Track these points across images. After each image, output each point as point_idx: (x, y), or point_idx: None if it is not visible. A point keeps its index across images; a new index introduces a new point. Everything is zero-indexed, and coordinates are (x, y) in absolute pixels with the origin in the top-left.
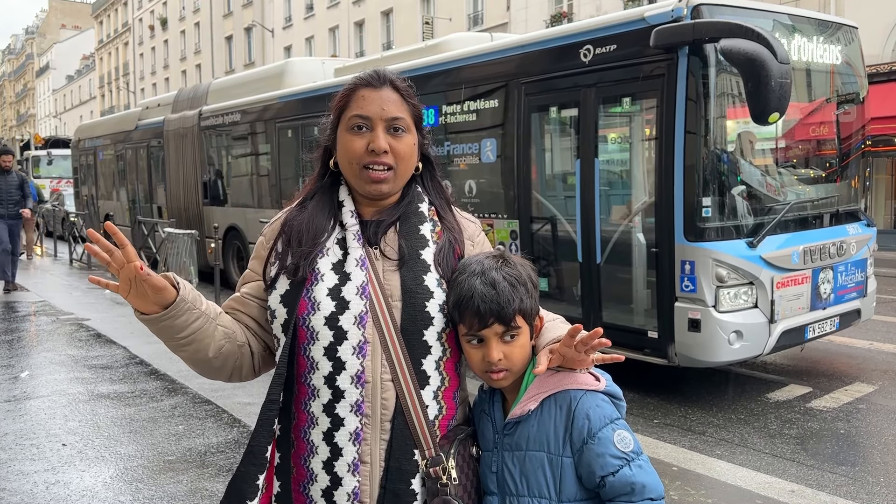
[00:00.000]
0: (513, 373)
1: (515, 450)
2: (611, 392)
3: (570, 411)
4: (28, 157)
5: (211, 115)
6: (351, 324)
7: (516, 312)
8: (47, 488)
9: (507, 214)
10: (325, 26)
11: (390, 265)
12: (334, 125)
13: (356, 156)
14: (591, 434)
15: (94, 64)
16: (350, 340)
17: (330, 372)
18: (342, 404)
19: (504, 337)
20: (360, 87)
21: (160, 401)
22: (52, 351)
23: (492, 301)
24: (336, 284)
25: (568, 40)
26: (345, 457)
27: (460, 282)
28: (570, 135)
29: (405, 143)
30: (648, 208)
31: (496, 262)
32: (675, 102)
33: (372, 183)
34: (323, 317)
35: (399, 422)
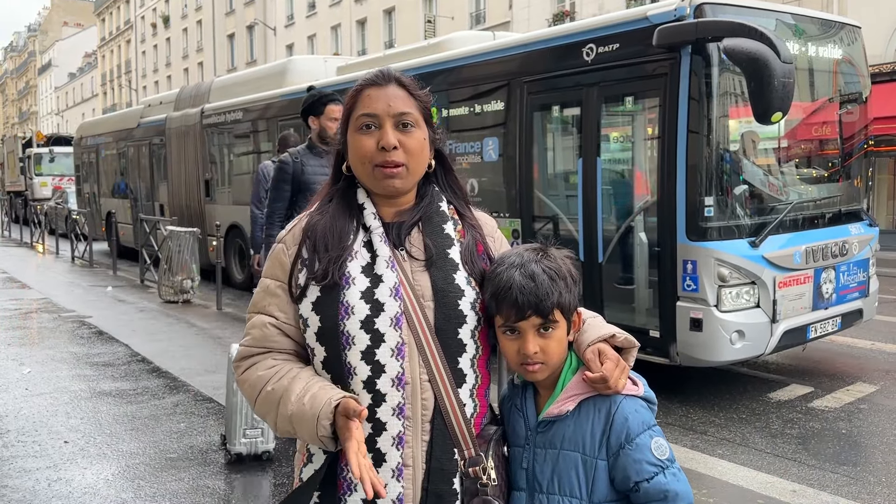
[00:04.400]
0: (548, 367)
1: (549, 448)
2: (647, 397)
3: (610, 415)
4: (30, 154)
5: (213, 113)
6: (387, 326)
7: (554, 306)
8: (49, 485)
9: (510, 213)
10: (328, 25)
11: (418, 265)
12: (343, 129)
13: (367, 155)
14: (629, 439)
15: (96, 61)
16: (388, 342)
17: (369, 376)
18: (383, 408)
19: (541, 330)
20: (366, 87)
21: (162, 398)
22: (53, 348)
23: (530, 293)
24: (368, 287)
25: (570, 39)
26: (388, 462)
27: (499, 273)
28: (572, 134)
29: (415, 137)
30: (650, 207)
31: (536, 254)
32: (678, 102)
33: (385, 178)
34: (358, 320)
35: (438, 422)
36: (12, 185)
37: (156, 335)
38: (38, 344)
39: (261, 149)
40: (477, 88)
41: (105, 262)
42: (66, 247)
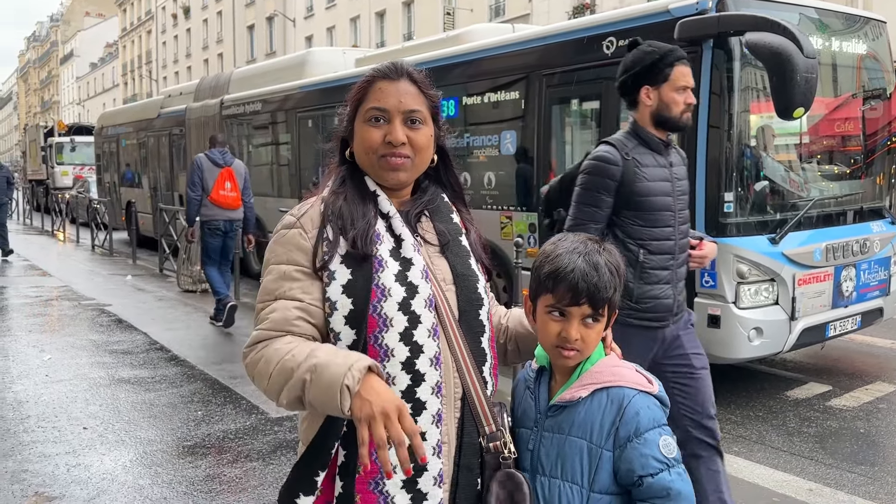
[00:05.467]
0: (582, 355)
1: (556, 432)
2: (661, 398)
3: (622, 407)
4: (52, 143)
5: (232, 104)
6: (422, 307)
7: (607, 300)
8: (68, 470)
9: (527, 207)
10: (347, 16)
11: (434, 251)
12: (351, 116)
13: (373, 147)
14: (639, 433)
15: (118, 52)
16: (424, 324)
17: (408, 357)
18: (423, 388)
19: (587, 319)
20: (378, 79)
21: (180, 386)
22: (73, 335)
23: (591, 282)
24: (400, 270)
25: (591, 32)
26: (429, 440)
27: (559, 255)
28: (591, 127)
29: (422, 134)
30: None
31: (598, 246)
32: (699, 96)
33: (390, 170)
34: (396, 302)
35: (466, 400)
36: (34, 174)
37: (174, 324)
38: (58, 331)
39: (279, 140)
40: (495, 81)
41: (125, 251)
42: (86, 235)
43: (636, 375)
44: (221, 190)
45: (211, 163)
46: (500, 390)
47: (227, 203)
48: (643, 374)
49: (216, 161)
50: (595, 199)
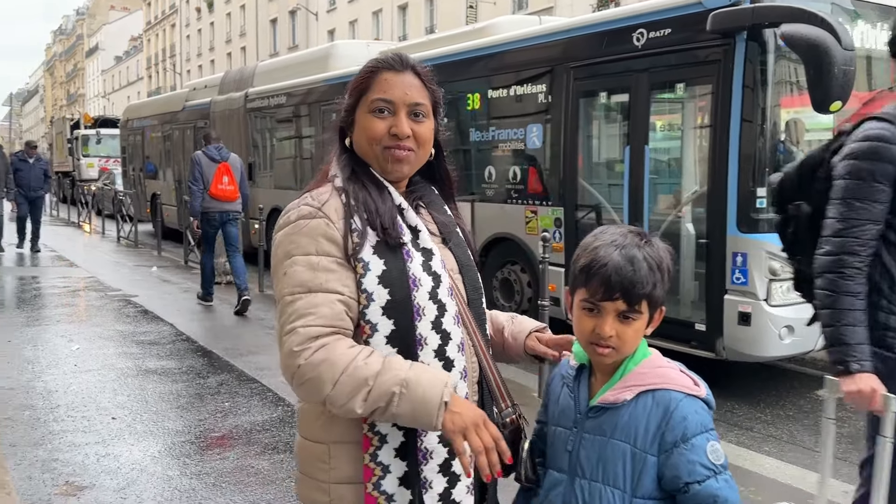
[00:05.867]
0: (619, 353)
1: (597, 434)
2: (708, 401)
3: (668, 411)
4: (78, 135)
5: (257, 97)
6: (447, 296)
7: (645, 296)
8: (98, 460)
9: (552, 201)
10: (369, 10)
11: (437, 241)
12: (352, 106)
13: (377, 138)
14: (686, 439)
15: (142, 45)
16: (449, 311)
17: (440, 345)
18: (453, 373)
19: (623, 316)
20: (383, 70)
21: (206, 377)
22: (101, 326)
23: (625, 277)
24: (424, 260)
25: (621, 24)
26: None
27: (596, 248)
28: (619, 121)
29: (426, 128)
30: (699, 198)
31: (639, 239)
32: (732, 89)
33: (395, 162)
34: (426, 291)
35: (485, 385)
36: (60, 166)
37: (199, 315)
38: (85, 321)
39: (303, 133)
40: (522, 74)
41: (150, 242)
42: (111, 227)
43: (682, 377)
44: (220, 184)
45: (208, 159)
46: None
47: (226, 196)
48: (689, 376)
49: (213, 157)
50: (871, 192)
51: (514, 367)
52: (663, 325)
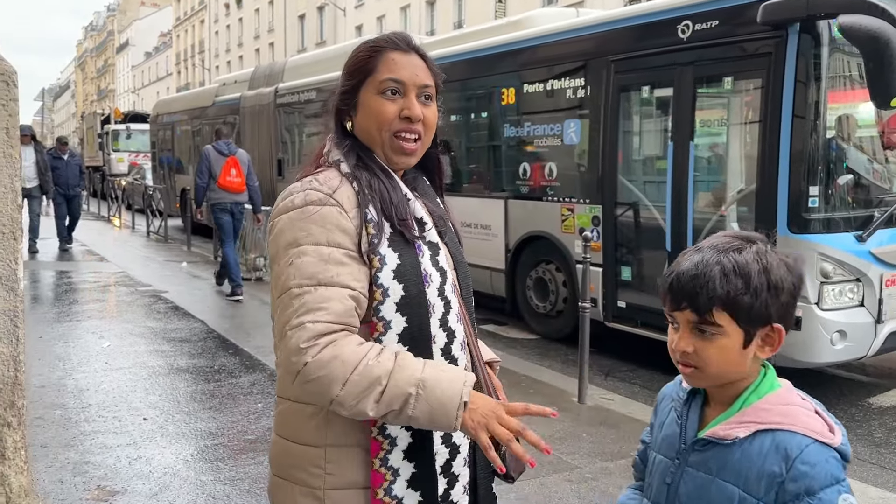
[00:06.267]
0: (705, 375)
1: (701, 470)
2: (843, 451)
3: (790, 457)
4: (108, 130)
5: (287, 92)
6: (451, 292)
7: (714, 304)
8: (130, 464)
9: (590, 199)
10: (397, 5)
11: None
12: (355, 88)
13: (388, 121)
14: (812, 491)
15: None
16: (454, 308)
17: (446, 342)
18: None
19: (698, 329)
20: (389, 50)
21: (238, 377)
22: (131, 322)
23: (687, 282)
24: (431, 254)
25: (665, 15)
26: None
27: (685, 253)
28: (662, 116)
29: (433, 111)
30: (748, 196)
31: (736, 243)
32: (783, 83)
33: (403, 155)
34: (435, 288)
35: (478, 381)
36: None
37: (230, 312)
38: (116, 317)
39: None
40: (559, 68)
41: (179, 237)
42: (141, 222)
43: (814, 420)
44: (228, 176)
45: (217, 153)
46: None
47: (233, 187)
48: (824, 419)
49: (222, 151)
50: None
51: (550, 370)
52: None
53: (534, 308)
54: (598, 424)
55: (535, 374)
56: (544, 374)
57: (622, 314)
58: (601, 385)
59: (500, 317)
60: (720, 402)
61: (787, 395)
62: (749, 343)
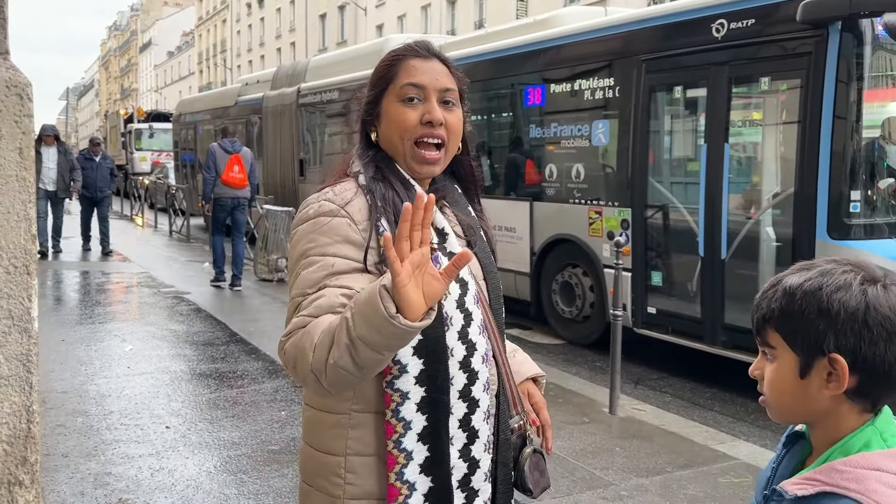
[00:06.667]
0: (770, 406)
1: None
2: None
3: None
4: (131, 129)
5: (309, 92)
6: (473, 304)
7: (766, 322)
8: (152, 475)
9: (619, 202)
10: (418, 4)
11: (462, 244)
12: (377, 97)
13: (409, 128)
14: None
15: (194, 41)
16: (475, 320)
17: (465, 356)
18: (477, 386)
19: (763, 351)
20: (408, 57)
21: (261, 383)
22: (154, 325)
23: (756, 302)
24: None
25: (699, 14)
26: (481, 438)
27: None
28: (694, 116)
29: (456, 116)
30: (785, 200)
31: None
32: (823, 84)
33: (425, 164)
34: (454, 300)
35: (502, 395)
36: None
37: (252, 314)
38: (138, 319)
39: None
40: (587, 67)
41: (201, 237)
42: (164, 221)
43: (890, 494)
44: (231, 172)
45: (223, 150)
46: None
47: (236, 183)
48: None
49: (227, 149)
50: None
51: (578, 378)
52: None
53: (560, 313)
54: (630, 437)
55: (562, 382)
56: (572, 383)
57: (652, 320)
58: (631, 394)
59: (524, 321)
60: (816, 452)
61: (880, 459)
62: (807, 373)
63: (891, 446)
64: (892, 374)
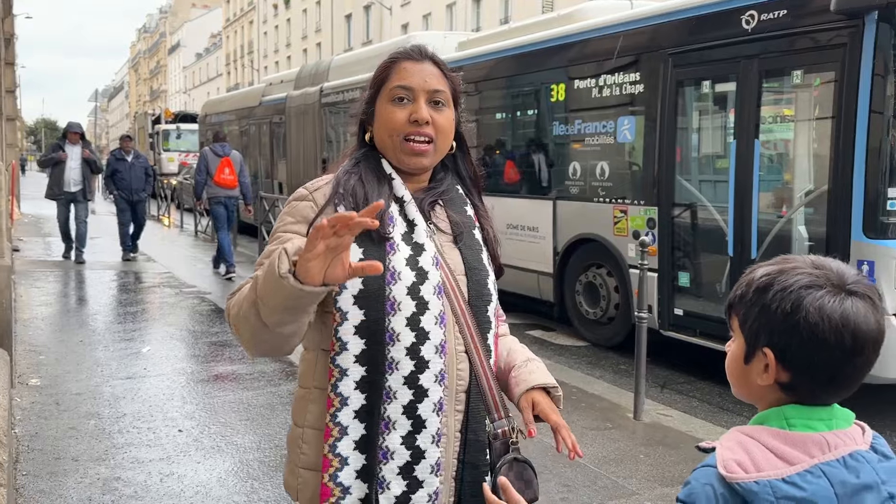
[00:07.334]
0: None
1: None
2: (745, 489)
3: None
4: (159, 130)
5: (332, 91)
6: (431, 294)
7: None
8: (161, 480)
9: (645, 200)
10: (443, 2)
11: (446, 240)
12: (372, 98)
13: (398, 126)
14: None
15: (221, 42)
16: (432, 310)
17: (413, 343)
18: (426, 375)
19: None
20: (402, 60)
21: (277, 385)
22: (173, 325)
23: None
24: (412, 254)
25: (728, 6)
26: (428, 428)
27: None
28: (723, 112)
29: (445, 116)
30: (819, 198)
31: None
32: (859, 77)
33: (413, 155)
34: (405, 286)
35: (474, 393)
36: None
37: None
38: (158, 320)
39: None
40: (612, 62)
41: None
42: (190, 221)
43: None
44: (221, 174)
45: (214, 154)
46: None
47: (226, 184)
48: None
49: (217, 152)
50: None
51: (602, 381)
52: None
53: (583, 314)
54: (656, 444)
55: (586, 385)
56: (596, 386)
57: (679, 322)
58: (657, 399)
59: (547, 322)
60: None
61: (761, 431)
62: (749, 360)
63: (795, 430)
64: (819, 376)
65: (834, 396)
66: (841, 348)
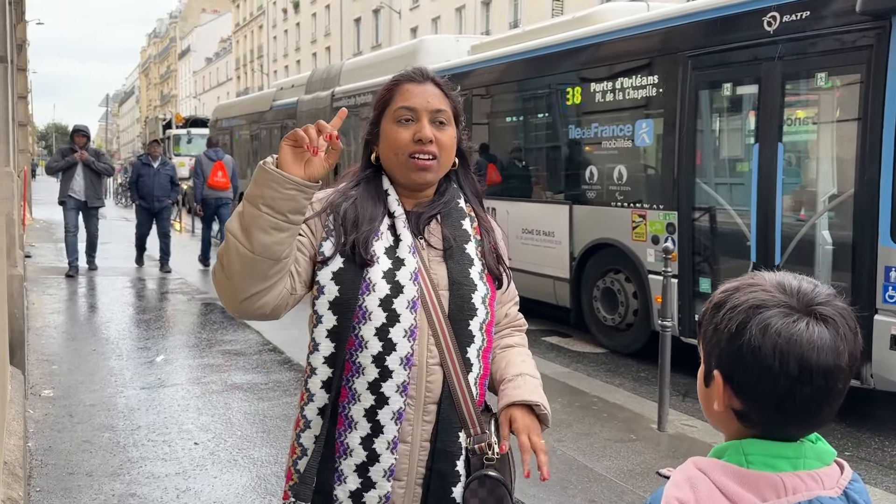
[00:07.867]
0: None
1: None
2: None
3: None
4: (169, 135)
5: (343, 95)
6: (404, 307)
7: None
8: (178, 496)
9: (664, 205)
10: (452, 6)
11: (436, 255)
12: (377, 119)
13: (403, 145)
14: None
15: (231, 47)
16: (402, 323)
17: (379, 352)
18: (388, 384)
19: None
20: (404, 82)
21: (294, 395)
22: (187, 333)
23: None
24: (390, 268)
25: (749, 7)
26: (385, 434)
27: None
28: (745, 115)
29: (448, 134)
30: (844, 203)
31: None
32: (886, 78)
33: (418, 171)
34: (378, 298)
35: (446, 405)
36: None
37: (285, 322)
38: (172, 328)
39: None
40: (630, 65)
41: None
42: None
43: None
44: (215, 177)
45: (207, 159)
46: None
47: (219, 186)
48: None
49: (211, 157)
50: None
51: (622, 390)
52: None
53: (601, 320)
54: (681, 457)
55: (606, 394)
56: (617, 395)
57: None
58: (680, 408)
59: (563, 328)
60: None
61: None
62: (708, 383)
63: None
64: (765, 405)
65: (794, 429)
66: (786, 375)
